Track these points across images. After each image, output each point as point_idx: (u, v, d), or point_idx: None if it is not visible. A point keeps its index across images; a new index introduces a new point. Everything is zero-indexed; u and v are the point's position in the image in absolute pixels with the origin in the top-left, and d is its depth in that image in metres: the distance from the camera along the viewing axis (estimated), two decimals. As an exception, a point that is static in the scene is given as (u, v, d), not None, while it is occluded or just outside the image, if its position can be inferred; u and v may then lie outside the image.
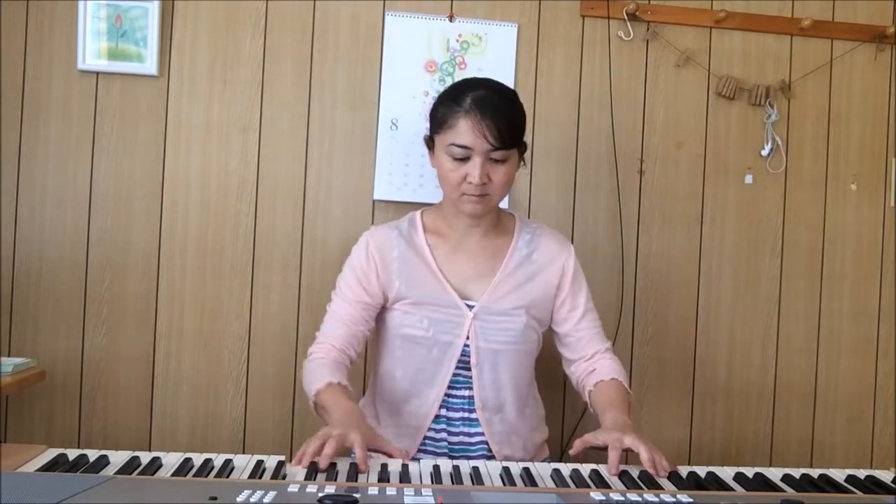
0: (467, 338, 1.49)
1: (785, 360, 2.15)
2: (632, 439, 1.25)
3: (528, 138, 2.03)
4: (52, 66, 1.94)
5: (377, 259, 1.52)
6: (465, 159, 1.42)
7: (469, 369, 1.51)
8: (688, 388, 2.12)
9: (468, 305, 1.50)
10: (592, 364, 1.54)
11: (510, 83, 2.02)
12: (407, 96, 2.00)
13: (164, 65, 1.96)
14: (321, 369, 1.43)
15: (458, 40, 2.01)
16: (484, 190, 1.43)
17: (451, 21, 2.01)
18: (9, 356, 1.85)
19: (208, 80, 1.98)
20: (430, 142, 1.52)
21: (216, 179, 1.98)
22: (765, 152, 2.11)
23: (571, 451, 1.27)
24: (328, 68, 2.01)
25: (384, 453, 1.27)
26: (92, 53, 1.92)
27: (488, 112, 1.40)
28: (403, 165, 1.99)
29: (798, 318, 2.15)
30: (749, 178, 2.12)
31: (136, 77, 1.95)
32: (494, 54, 2.02)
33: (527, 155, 2.03)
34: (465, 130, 1.40)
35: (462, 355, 1.50)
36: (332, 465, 1.17)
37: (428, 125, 1.52)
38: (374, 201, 2.01)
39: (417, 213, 1.60)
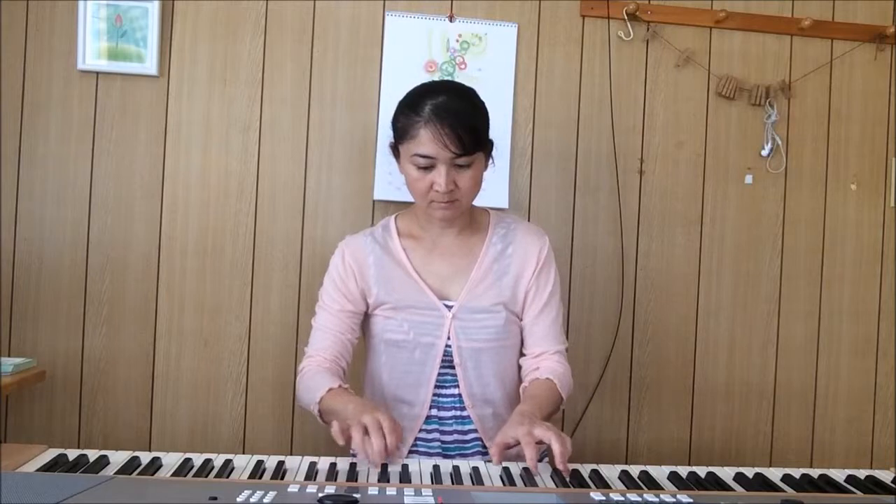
0: (448, 338, 1.49)
1: (785, 360, 2.15)
2: (542, 430, 1.23)
3: (527, 138, 2.05)
4: (52, 66, 1.94)
5: (354, 267, 1.52)
6: (429, 168, 1.41)
7: (454, 368, 1.51)
8: (688, 388, 2.12)
9: (447, 306, 1.50)
10: (538, 363, 1.52)
11: (510, 83, 2.02)
12: (407, 96, 2.00)
13: (164, 65, 1.96)
14: (317, 379, 1.43)
15: (458, 40, 2.01)
16: (452, 196, 1.42)
17: (451, 21, 2.01)
18: (9, 356, 1.85)
19: (208, 80, 1.98)
20: (395, 150, 1.50)
21: (216, 179, 1.98)
22: (765, 152, 2.11)
23: (494, 462, 1.24)
24: (328, 68, 2.01)
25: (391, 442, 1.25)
26: (92, 53, 1.92)
27: (447, 120, 1.37)
28: (403, 165, 1.99)
29: (798, 318, 2.15)
30: (749, 178, 2.12)
31: (136, 77, 1.95)
32: (494, 54, 2.02)
33: (527, 155, 2.05)
34: (426, 141, 1.38)
35: (445, 356, 1.50)
36: (333, 465, 1.18)
37: (391, 133, 1.50)
38: (374, 201, 2.01)
39: (391, 218, 1.59)
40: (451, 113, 1.38)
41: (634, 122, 2.09)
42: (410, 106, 1.42)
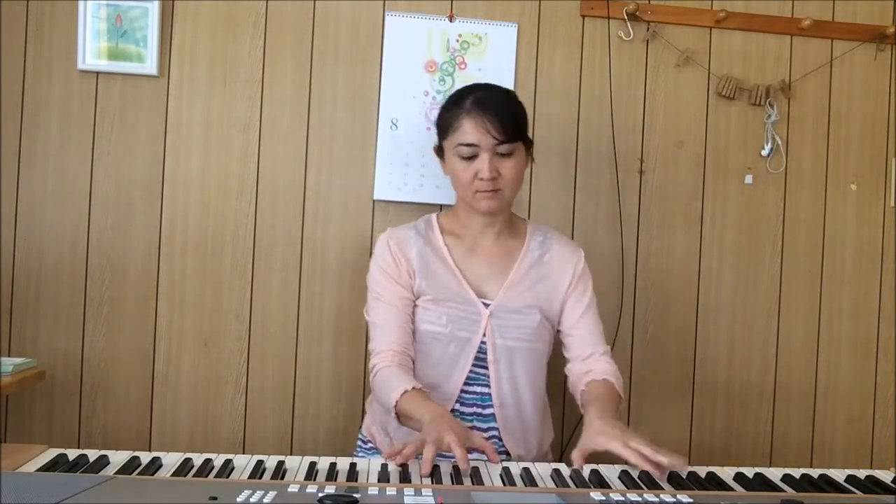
0: (484, 335, 1.53)
1: (785, 360, 2.15)
2: (637, 443, 1.25)
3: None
4: (52, 66, 1.94)
5: (399, 255, 1.57)
6: (473, 157, 1.49)
7: (485, 366, 1.55)
8: (688, 388, 2.12)
9: (484, 304, 1.54)
10: (588, 365, 1.57)
11: (510, 83, 2.02)
12: (407, 96, 2.00)
13: (164, 65, 1.96)
14: (393, 379, 1.44)
15: (458, 40, 2.01)
16: (495, 185, 1.49)
17: (451, 21, 2.01)
18: (9, 356, 1.85)
19: (208, 80, 1.98)
20: (439, 150, 1.58)
21: (216, 179, 1.98)
22: (765, 152, 2.11)
23: (576, 465, 1.25)
24: (328, 68, 2.01)
25: (479, 451, 1.28)
26: (92, 53, 1.92)
27: (488, 109, 1.47)
28: (403, 165, 1.99)
29: (798, 318, 2.15)
30: (749, 178, 2.12)
31: (136, 77, 1.95)
32: (494, 54, 2.02)
33: (527, 155, 2.05)
34: (469, 129, 1.48)
35: (479, 352, 1.54)
36: (333, 465, 1.18)
37: (436, 135, 1.59)
38: (374, 201, 2.01)
39: (433, 216, 1.65)
40: (492, 103, 1.50)
41: (634, 121, 2.09)
42: (453, 102, 1.54)
